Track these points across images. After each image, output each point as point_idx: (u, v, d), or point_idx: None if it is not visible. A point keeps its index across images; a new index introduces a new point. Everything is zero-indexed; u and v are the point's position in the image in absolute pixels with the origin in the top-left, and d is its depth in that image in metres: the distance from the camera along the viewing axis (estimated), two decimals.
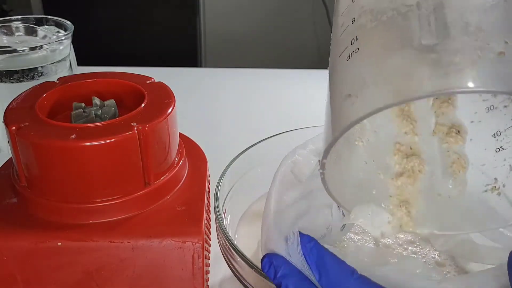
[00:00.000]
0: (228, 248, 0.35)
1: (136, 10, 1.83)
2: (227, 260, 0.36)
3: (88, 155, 0.30)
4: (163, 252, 0.32)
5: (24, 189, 0.33)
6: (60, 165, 0.30)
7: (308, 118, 0.45)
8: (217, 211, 0.37)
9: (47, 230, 0.31)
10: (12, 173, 0.34)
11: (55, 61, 0.48)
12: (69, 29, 0.49)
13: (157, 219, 0.33)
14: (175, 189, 0.35)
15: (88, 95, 0.37)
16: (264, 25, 1.83)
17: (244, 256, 0.33)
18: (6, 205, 0.33)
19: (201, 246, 0.32)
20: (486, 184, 0.35)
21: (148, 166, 0.33)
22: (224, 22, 1.90)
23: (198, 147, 0.41)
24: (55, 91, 0.36)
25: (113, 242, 0.31)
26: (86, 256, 0.31)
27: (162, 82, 0.38)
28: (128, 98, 0.37)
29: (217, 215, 0.36)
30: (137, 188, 0.33)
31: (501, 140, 0.34)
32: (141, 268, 0.32)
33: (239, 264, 0.35)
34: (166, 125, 0.33)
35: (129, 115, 0.32)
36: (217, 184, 0.40)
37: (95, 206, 0.32)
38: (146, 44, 1.87)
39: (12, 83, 0.46)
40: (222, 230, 0.35)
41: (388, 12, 0.26)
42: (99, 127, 0.31)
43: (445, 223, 0.35)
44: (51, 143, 0.30)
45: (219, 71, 0.83)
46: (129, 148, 0.31)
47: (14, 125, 0.31)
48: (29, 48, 0.45)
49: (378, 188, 0.35)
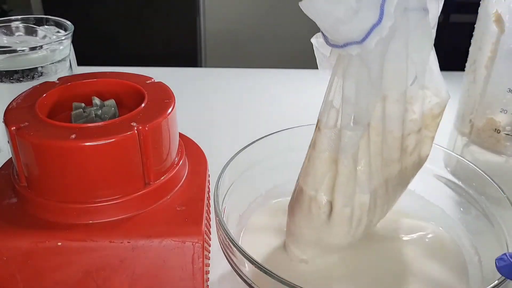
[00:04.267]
0: (228, 244, 0.35)
1: (136, 10, 1.83)
2: (227, 256, 0.36)
3: (88, 155, 0.30)
4: (163, 252, 0.32)
5: (24, 189, 0.33)
6: (60, 165, 0.30)
7: (308, 117, 0.45)
8: (217, 208, 0.37)
9: (47, 230, 0.31)
10: (12, 173, 0.34)
11: (55, 61, 0.48)
12: (69, 29, 0.49)
13: (157, 219, 0.33)
14: (175, 189, 0.35)
15: (88, 95, 0.37)
16: (264, 25, 1.83)
17: (244, 251, 0.33)
18: (6, 205, 0.33)
19: (201, 246, 0.32)
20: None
21: (148, 166, 0.33)
22: (224, 22, 1.90)
23: (198, 147, 0.41)
24: (55, 91, 0.36)
25: (113, 242, 0.31)
26: (86, 256, 0.31)
27: (162, 82, 0.38)
28: (128, 98, 0.37)
29: (217, 212, 0.37)
30: (137, 188, 0.33)
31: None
32: (141, 268, 0.32)
33: (238, 259, 0.34)
34: (166, 125, 0.33)
35: (129, 115, 0.32)
36: (217, 181, 0.40)
37: (95, 206, 0.32)
38: (146, 44, 1.88)
39: (12, 83, 0.46)
40: (222, 226, 0.35)
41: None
42: (99, 127, 0.31)
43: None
44: (51, 143, 0.30)
45: (219, 71, 0.83)
46: (129, 148, 0.31)
47: (14, 125, 0.31)
48: (29, 48, 0.45)
49: None
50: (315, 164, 0.36)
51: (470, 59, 0.51)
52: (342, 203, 0.35)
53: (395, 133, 0.36)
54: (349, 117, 0.33)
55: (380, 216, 0.40)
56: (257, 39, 1.87)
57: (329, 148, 0.35)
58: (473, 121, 0.51)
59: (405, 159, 0.38)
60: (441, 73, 0.39)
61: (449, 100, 0.40)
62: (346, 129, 0.33)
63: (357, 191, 0.35)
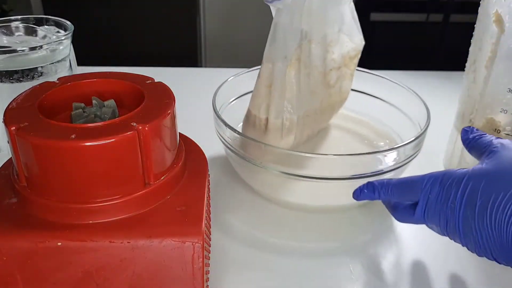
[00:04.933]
0: (216, 120, 0.48)
1: (136, 10, 1.83)
2: (220, 137, 0.48)
3: (88, 155, 0.30)
4: (163, 252, 0.32)
5: (24, 189, 0.33)
6: (60, 165, 0.30)
7: None
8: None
9: (47, 230, 0.31)
10: (12, 173, 0.34)
11: (55, 61, 0.48)
12: (69, 29, 0.49)
13: (157, 219, 0.33)
14: (175, 189, 0.35)
15: (88, 95, 0.37)
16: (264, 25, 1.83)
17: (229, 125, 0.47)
18: (6, 205, 0.33)
19: (201, 246, 0.32)
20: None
21: (148, 166, 0.33)
22: (224, 22, 1.90)
23: (198, 147, 0.41)
24: (55, 91, 0.36)
25: (113, 242, 0.31)
26: (86, 256, 0.31)
27: (162, 82, 0.38)
28: (128, 98, 0.37)
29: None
30: (137, 188, 0.33)
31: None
32: (141, 268, 0.32)
33: (226, 133, 0.47)
34: (166, 125, 0.33)
35: (129, 115, 0.32)
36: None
37: (95, 206, 0.32)
38: (146, 44, 1.88)
39: (12, 83, 0.46)
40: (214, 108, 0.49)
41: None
42: (99, 127, 0.31)
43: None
44: (51, 143, 0.30)
45: (219, 71, 0.83)
46: (129, 148, 0.31)
47: (14, 125, 0.31)
48: (29, 48, 0.45)
49: None
50: (259, 90, 0.47)
51: (470, 59, 0.51)
52: (274, 116, 0.47)
53: (319, 68, 0.49)
54: (280, 53, 0.45)
55: (310, 131, 0.53)
56: (257, 39, 1.87)
57: (268, 76, 0.46)
58: (473, 121, 0.51)
59: (329, 90, 0.51)
60: (441, 73, 0.40)
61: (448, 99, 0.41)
62: (277, 62, 0.45)
63: (285, 109, 0.47)
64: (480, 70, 0.49)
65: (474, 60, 0.50)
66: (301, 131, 0.50)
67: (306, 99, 0.49)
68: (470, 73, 0.51)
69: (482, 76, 0.48)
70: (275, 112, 0.47)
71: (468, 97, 0.51)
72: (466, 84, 0.52)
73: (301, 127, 0.50)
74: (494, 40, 0.46)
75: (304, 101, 0.48)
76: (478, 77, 0.49)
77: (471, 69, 0.51)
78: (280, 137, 0.48)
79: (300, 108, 0.48)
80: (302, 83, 0.47)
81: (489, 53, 0.47)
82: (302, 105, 0.48)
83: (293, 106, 0.47)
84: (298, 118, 0.48)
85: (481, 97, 0.49)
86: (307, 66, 0.48)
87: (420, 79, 0.77)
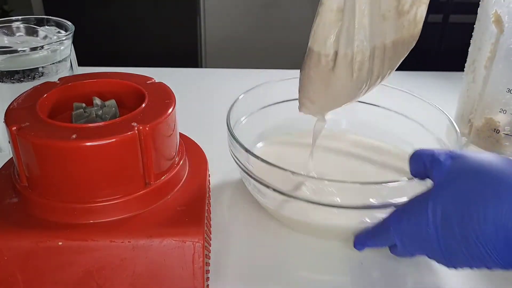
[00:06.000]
0: (230, 139, 0.43)
1: (136, 10, 1.83)
2: (233, 156, 0.44)
3: (89, 155, 0.30)
4: (163, 251, 0.32)
5: (25, 189, 0.33)
6: (60, 165, 0.30)
7: (308, 117, 0.45)
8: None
9: (48, 230, 0.31)
10: (13, 173, 0.34)
11: (56, 61, 0.48)
12: (70, 30, 0.49)
13: (158, 219, 0.33)
14: (175, 189, 0.35)
15: (89, 95, 0.37)
16: (264, 25, 1.83)
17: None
18: (7, 205, 0.33)
19: (202, 245, 0.32)
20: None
21: (149, 166, 0.33)
22: (224, 22, 1.90)
23: (198, 147, 0.41)
24: (56, 91, 0.36)
25: (113, 241, 0.31)
26: (87, 255, 0.32)
27: (163, 82, 0.38)
28: (129, 99, 0.37)
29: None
30: (137, 188, 0.33)
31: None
32: (142, 268, 0.32)
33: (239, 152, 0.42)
34: (166, 125, 0.33)
35: (130, 115, 0.32)
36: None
37: (96, 206, 0.32)
38: (147, 44, 1.87)
39: (13, 83, 0.46)
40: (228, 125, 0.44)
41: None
42: (100, 127, 0.31)
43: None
44: (52, 143, 0.30)
45: (219, 71, 0.83)
46: (130, 148, 0.31)
47: (15, 125, 0.31)
48: (30, 49, 0.45)
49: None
50: (323, 17, 0.40)
51: (469, 59, 0.51)
52: (345, 46, 0.40)
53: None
54: None
55: (380, 72, 0.44)
56: (257, 39, 1.87)
57: (335, 1, 0.39)
58: (472, 121, 0.51)
59: (401, 18, 0.42)
60: (440, 73, 0.39)
61: (448, 99, 0.41)
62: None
63: (356, 38, 0.40)
64: (480, 70, 0.49)
65: (474, 60, 0.50)
66: (371, 69, 0.43)
67: (377, 27, 0.41)
68: (470, 73, 0.51)
69: (482, 76, 0.49)
70: (346, 41, 0.40)
71: (468, 97, 0.51)
72: (465, 84, 0.52)
73: (371, 61, 0.42)
74: (494, 40, 0.46)
75: (375, 29, 0.41)
76: (478, 77, 0.49)
77: (471, 69, 0.51)
78: (351, 74, 0.41)
79: (372, 38, 0.41)
80: (373, 4, 0.40)
81: (488, 53, 0.47)
82: (374, 34, 0.41)
83: (366, 34, 0.40)
84: (370, 51, 0.41)
85: (481, 97, 0.49)
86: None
87: (419, 79, 0.77)
